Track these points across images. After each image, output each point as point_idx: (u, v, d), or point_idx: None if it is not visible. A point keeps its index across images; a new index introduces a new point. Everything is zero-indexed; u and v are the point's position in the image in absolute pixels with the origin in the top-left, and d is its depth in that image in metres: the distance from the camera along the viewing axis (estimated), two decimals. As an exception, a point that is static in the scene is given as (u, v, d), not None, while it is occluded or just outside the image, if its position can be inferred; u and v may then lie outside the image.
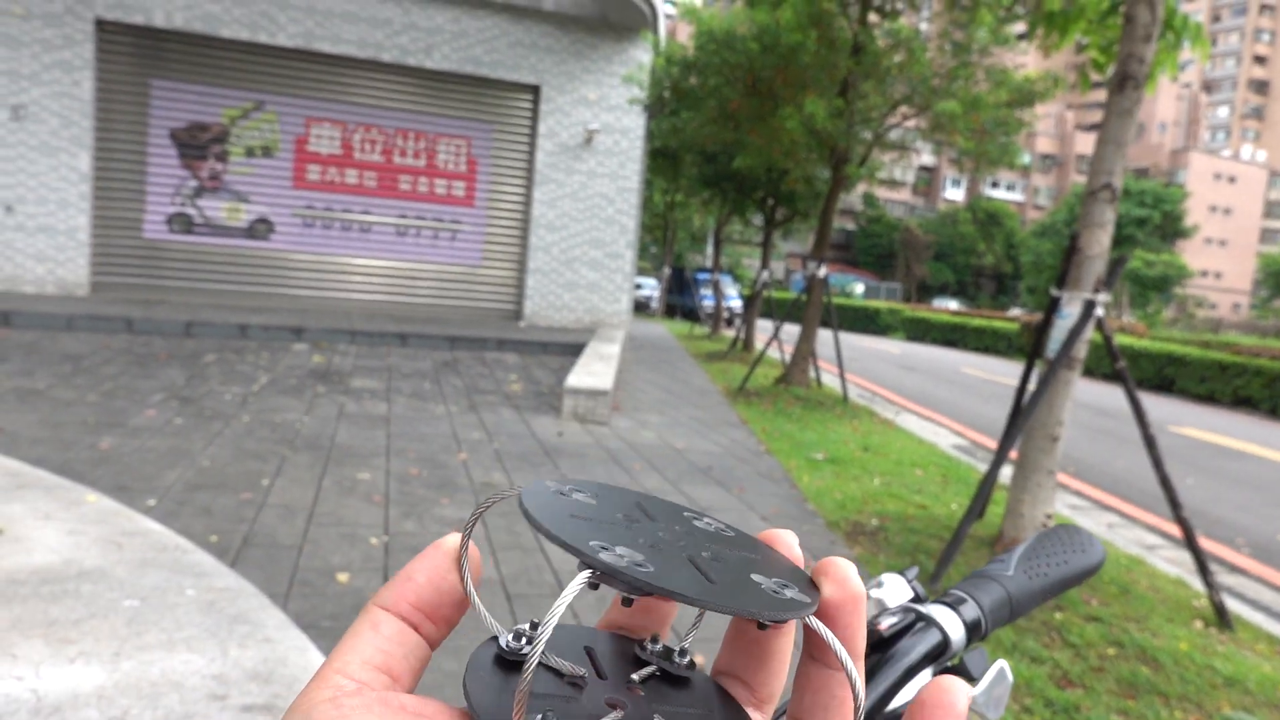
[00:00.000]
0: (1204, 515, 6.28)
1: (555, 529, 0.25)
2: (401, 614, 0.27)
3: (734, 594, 0.24)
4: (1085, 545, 0.75)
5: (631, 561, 0.24)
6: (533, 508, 0.26)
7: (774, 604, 0.25)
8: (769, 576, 0.27)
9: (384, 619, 0.26)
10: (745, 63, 8.96)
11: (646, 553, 0.25)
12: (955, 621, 0.66)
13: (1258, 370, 14.34)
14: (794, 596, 0.26)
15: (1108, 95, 4.33)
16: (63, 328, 8.76)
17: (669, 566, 0.24)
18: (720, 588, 0.24)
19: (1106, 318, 4.27)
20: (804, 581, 0.28)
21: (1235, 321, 48.67)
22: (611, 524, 0.27)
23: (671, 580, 0.23)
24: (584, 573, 0.24)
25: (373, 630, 0.26)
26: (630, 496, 0.30)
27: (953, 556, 4.02)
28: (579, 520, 0.26)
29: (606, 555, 0.24)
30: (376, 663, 0.25)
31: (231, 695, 2.13)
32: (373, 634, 0.26)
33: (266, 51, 11.81)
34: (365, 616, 0.27)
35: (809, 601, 0.26)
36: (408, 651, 0.26)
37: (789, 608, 0.25)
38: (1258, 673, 3.40)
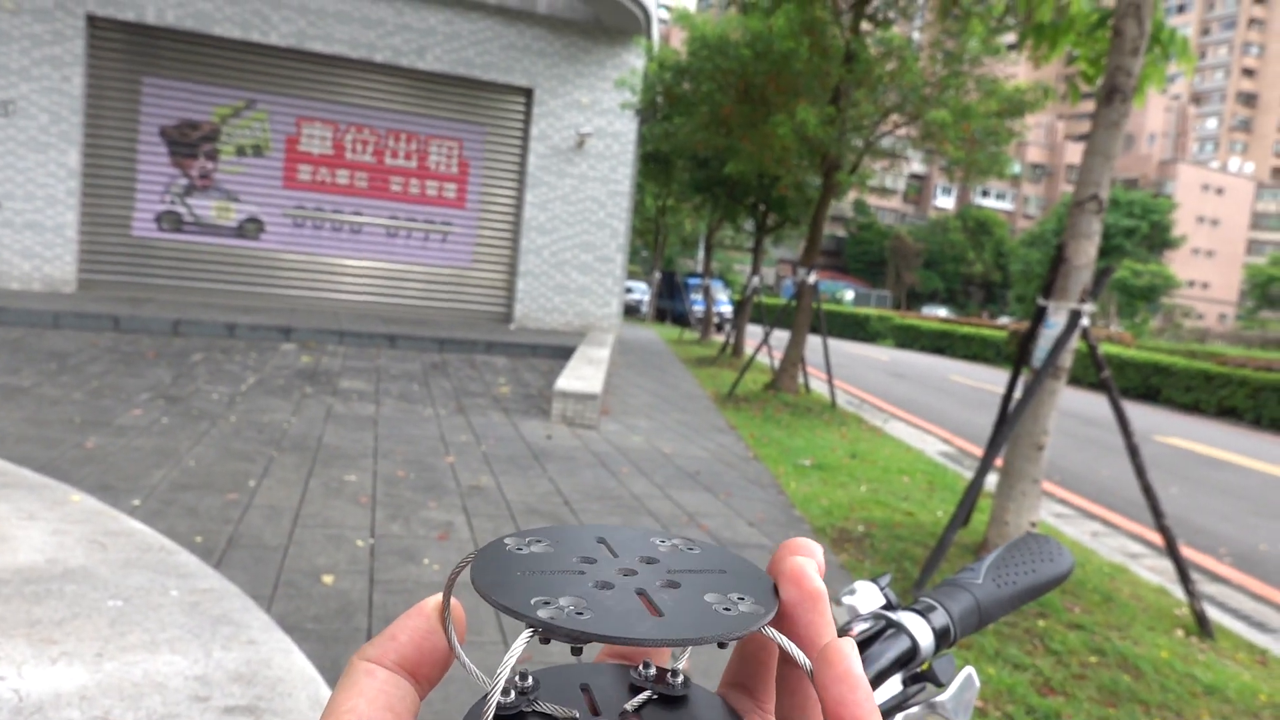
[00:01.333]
0: (1187, 524, 6.32)
1: (496, 594, 0.25)
2: (388, 665, 0.27)
3: (679, 624, 0.25)
4: (1054, 554, 0.77)
5: (572, 612, 0.25)
6: (479, 574, 0.27)
7: (723, 624, 0.25)
8: (725, 593, 0.27)
9: (375, 669, 0.27)
10: (738, 69, 8.99)
11: (591, 597, 0.26)
12: (924, 628, 0.67)
13: (1242, 380, 14.46)
14: (746, 610, 0.26)
15: (1095, 107, 4.37)
16: (49, 325, 8.71)
17: (615, 608, 0.25)
18: (667, 620, 0.25)
19: (1093, 327, 4.31)
20: (763, 592, 0.28)
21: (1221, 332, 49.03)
22: (563, 572, 0.27)
23: (612, 625, 0.24)
24: (525, 632, 0.24)
25: (369, 677, 0.27)
26: (592, 532, 0.31)
27: (937, 564, 4.04)
28: (528, 575, 0.27)
29: (546, 611, 0.24)
30: (380, 703, 0.26)
31: (214, 697, 2.13)
32: (369, 680, 0.27)
33: (259, 50, 11.78)
34: (356, 668, 0.27)
35: (762, 612, 0.26)
36: (403, 694, 0.27)
37: (739, 624, 0.25)
38: (1237, 681, 3.43)
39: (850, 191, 10.59)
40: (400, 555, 3.75)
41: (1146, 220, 45.80)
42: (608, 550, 0.29)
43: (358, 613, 3.13)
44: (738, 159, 9.82)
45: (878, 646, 0.66)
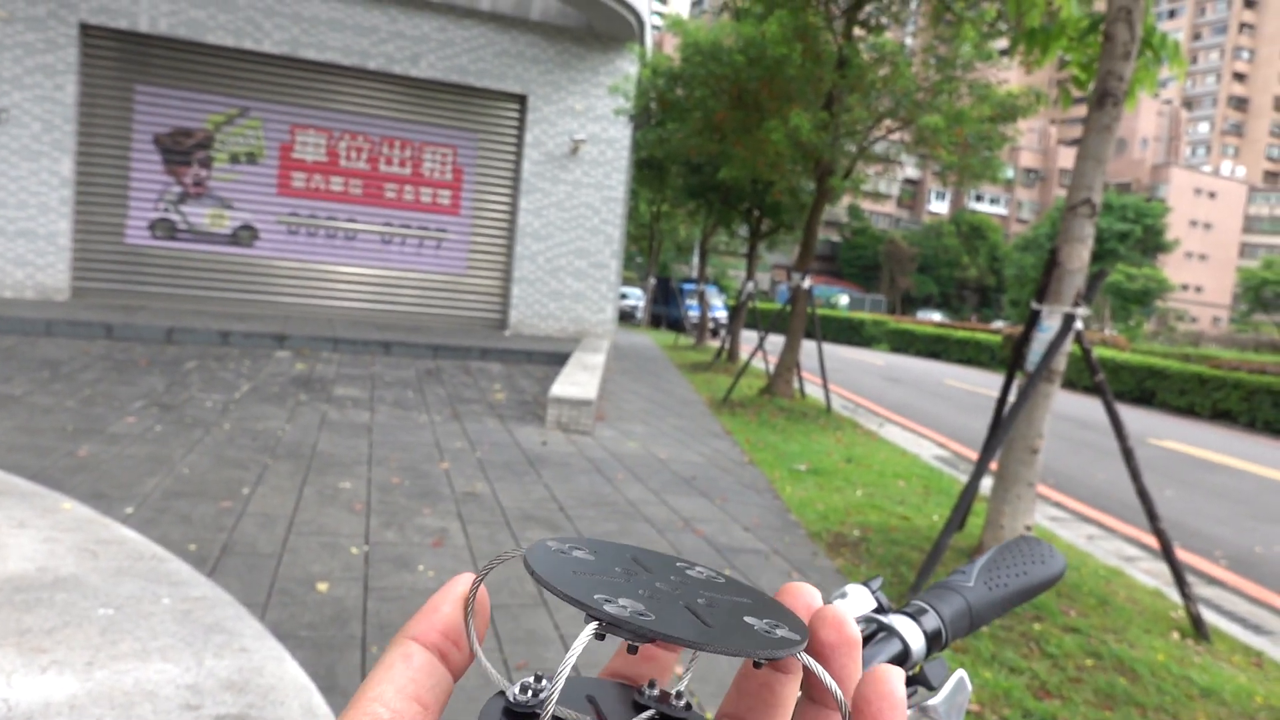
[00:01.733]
0: (1182, 527, 6.33)
1: (561, 585, 0.26)
2: (431, 644, 0.28)
3: (729, 636, 0.26)
4: (1045, 556, 0.77)
5: (634, 611, 0.26)
6: (538, 566, 0.28)
7: (767, 643, 0.26)
8: (760, 618, 0.28)
9: (415, 650, 0.28)
10: (731, 75, 9.01)
11: (646, 602, 0.27)
12: (916, 631, 0.67)
13: (1236, 383, 14.50)
14: (785, 635, 0.27)
15: (1087, 112, 4.38)
16: (41, 333, 8.68)
17: (668, 614, 0.26)
18: (716, 631, 0.26)
19: (1087, 331, 4.31)
20: (795, 622, 0.29)
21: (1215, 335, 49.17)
22: (611, 577, 0.28)
23: (672, 626, 0.25)
24: (591, 625, 0.25)
25: (404, 661, 0.27)
26: (626, 551, 0.32)
27: (933, 568, 4.04)
28: (581, 575, 0.28)
29: (611, 607, 0.26)
30: (409, 692, 0.27)
31: (205, 705, 2.11)
32: (404, 665, 0.27)
33: (251, 58, 11.78)
34: (396, 648, 0.28)
35: (799, 639, 0.28)
36: (435, 682, 0.28)
37: (781, 645, 0.27)
38: (1233, 684, 3.43)
39: (844, 196, 10.60)
40: (395, 563, 3.74)
41: (1140, 224, 45.97)
42: (642, 567, 0.30)
43: (352, 620, 3.11)
44: (731, 164, 9.84)
45: (869, 650, 0.66)
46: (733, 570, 4.13)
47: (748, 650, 0.26)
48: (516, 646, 3.01)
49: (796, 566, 4.32)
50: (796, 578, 4.14)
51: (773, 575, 4.14)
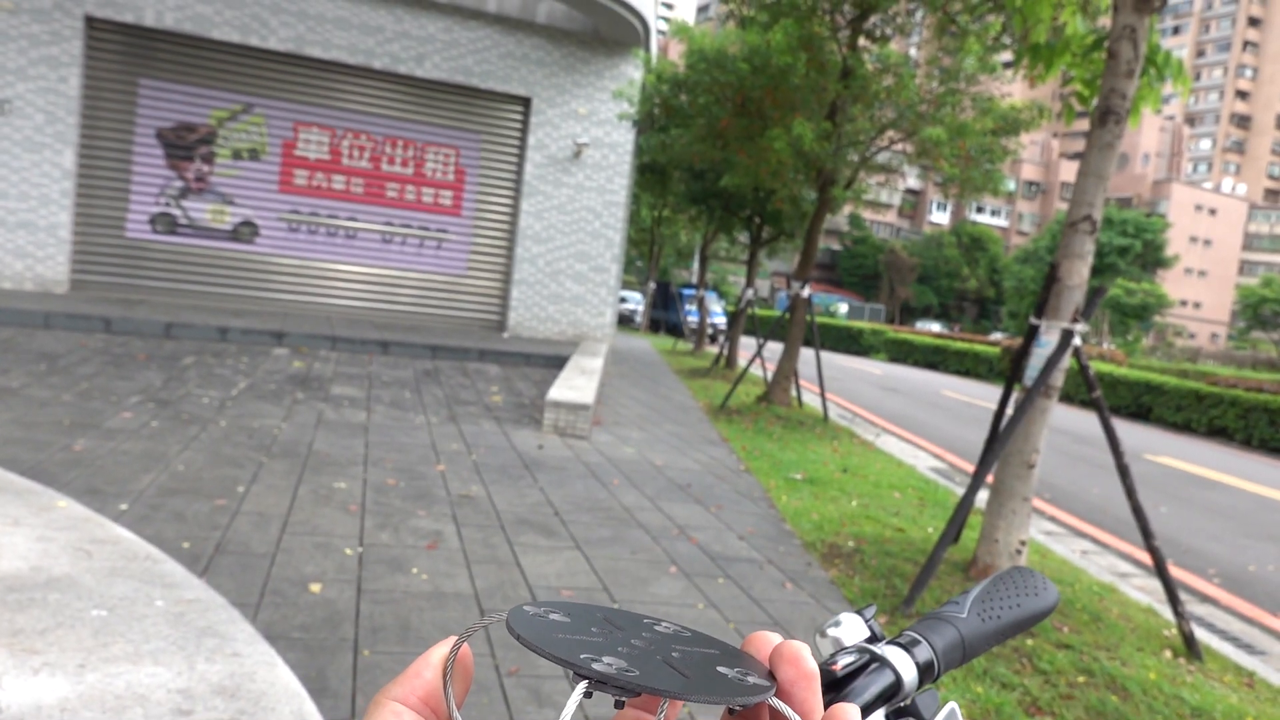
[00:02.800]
0: (1176, 544, 6.34)
1: (548, 646, 0.28)
2: (413, 706, 0.29)
3: (709, 686, 0.28)
4: (1039, 588, 0.77)
5: (619, 668, 0.27)
6: (522, 630, 0.29)
7: (741, 690, 0.29)
8: (731, 668, 0.30)
9: (403, 711, 0.28)
10: (735, 82, 9.03)
11: (628, 659, 0.29)
12: (908, 663, 0.67)
13: (1233, 401, 14.52)
14: (756, 682, 0.30)
15: (1090, 129, 4.39)
16: (39, 325, 8.67)
17: (650, 669, 0.28)
18: (695, 681, 0.28)
19: (1085, 345, 4.32)
20: (762, 670, 0.31)
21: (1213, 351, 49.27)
22: (590, 637, 0.30)
23: (656, 680, 0.27)
24: (581, 684, 0.27)
25: (395, 718, 0.28)
26: (597, 611, 0.33)
27: (927, 581, 4.04)
28: (563, 637, 0.29)
29: (598, 665, 0.27)
30: None
31: (197, 710, 2.11)
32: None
33: (257, 54, 11.79)
34: (383, 708, 0.29)
35: (769, 685, 0.30)
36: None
37: (753, 692, 0.29)
38: (1224, 704, 3.43)
39: (845, 206, 10.61)
40: (389, 564, 3.73)
41: (1140, 239, 46.05)
42: (615, 627, 0.32)
43: (345, 622, 3.11)
44: (734, 172, 9.85)
45: (861, 681, 0.66)
46: (725, 579, 4.13)
47: (727, 699, 0.28)
48: (508, 652, 3.01)
49: (790, 577, 4.32)
50: (790, 589, 4.14)
51: (766, 585, 4.14)
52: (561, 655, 0.27)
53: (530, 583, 3.76)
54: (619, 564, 4.16)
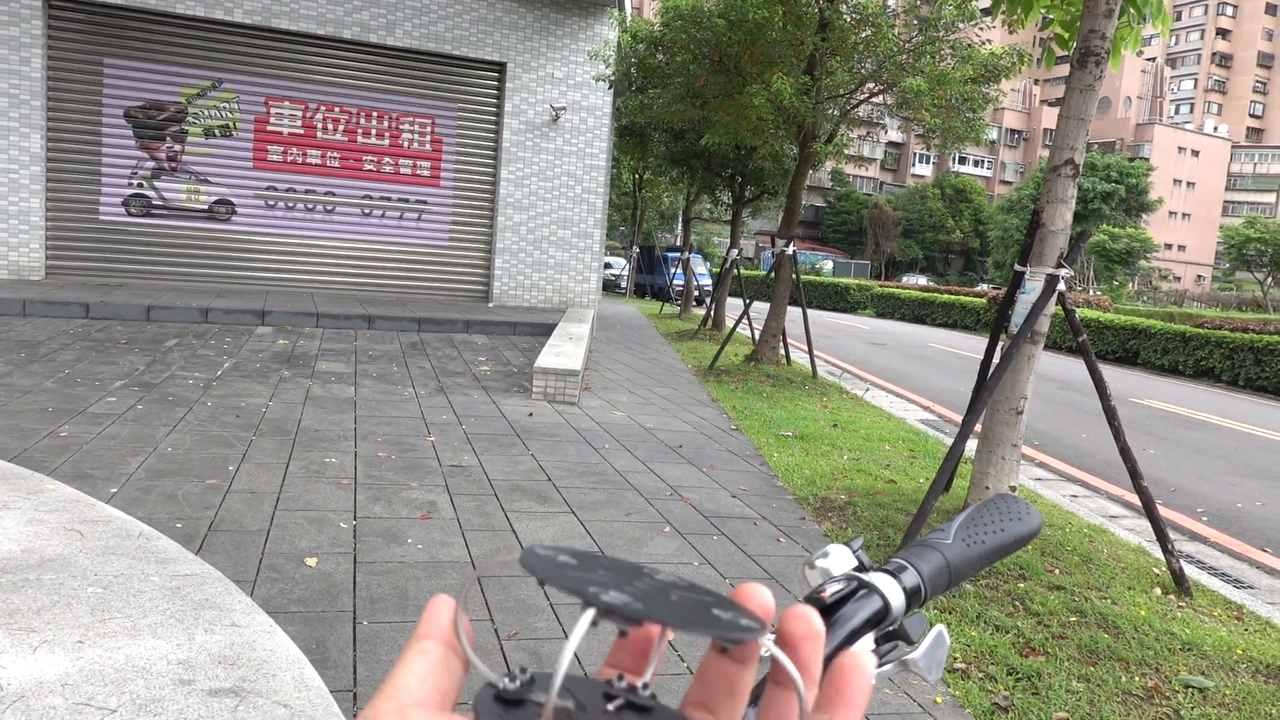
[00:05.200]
0: (1164, 484, 6.42)
1: (559, 579, 0.30)
2: (443, 640, 0.32)
3: (707, 621, 0.31)
4: (1022, 513, 0.79)
5: (624, 602, 0.30)
6: (535, 566, 0.32)
7: (737, 628, 0.31)
8: (725, 612, 0.33)
9: (431, 646, 0.31)
10: (712, 39, 8.91)
11: (631, 596, 0.31)
12: (895, 588, 0.68)
13: (1219, 342, 14.64)
14: (748, 623, 0.32)
15: (1070, 71, 4.36)
16: (17, 313, 8.57)
17: (652, 605, 0.30)
18: (694, 616, 0.31)
19: (1070, 292, 4.33)
20: (754, 616, 0.33)
21: (1198, 294, 49.58)
22: (597, 576, 0.32)
23: (659, 612, 0.29)
24: (590, 611, 0.29)
25: (423, 657, 0.31)
26: (603, 559, 0.35)
27: (918, 530, 4.07)
28: (573, 574, 0.32)
29: (605, 597, 0.29)
30: (430, 684, 0.30)
31: (198, 680, 2.11)
32: (423, 659, 0.31)
33: (223, 28, 11.55)
34: (415, 646, 0.31)
35: (761, 626, 0.32)
36: (451, 673, 0.31)
37: (748, 631, 0.31)
38: (1214, 637, 3.49)
39: (827, 161, 10.55)
40: (384, 536, 3.74)
41: (1123, 184, 46.05)
42: (615, 573, 0.34)
43: (342, 594, 3.12)
44: (714, 130, 9.76)
45: (850, 607, 0.67)
46: (720, 536, 4.16)
47: (724, 632, 0.30)
48: (507, 616, 3.03)
49: (784, 532, 4.35)
50: (784, 543, 4.18)
51: (760, 540, 4.17)
52: (573, 585, 0.30)
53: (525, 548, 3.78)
54: (613, 526, 4.18)
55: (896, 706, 2.75)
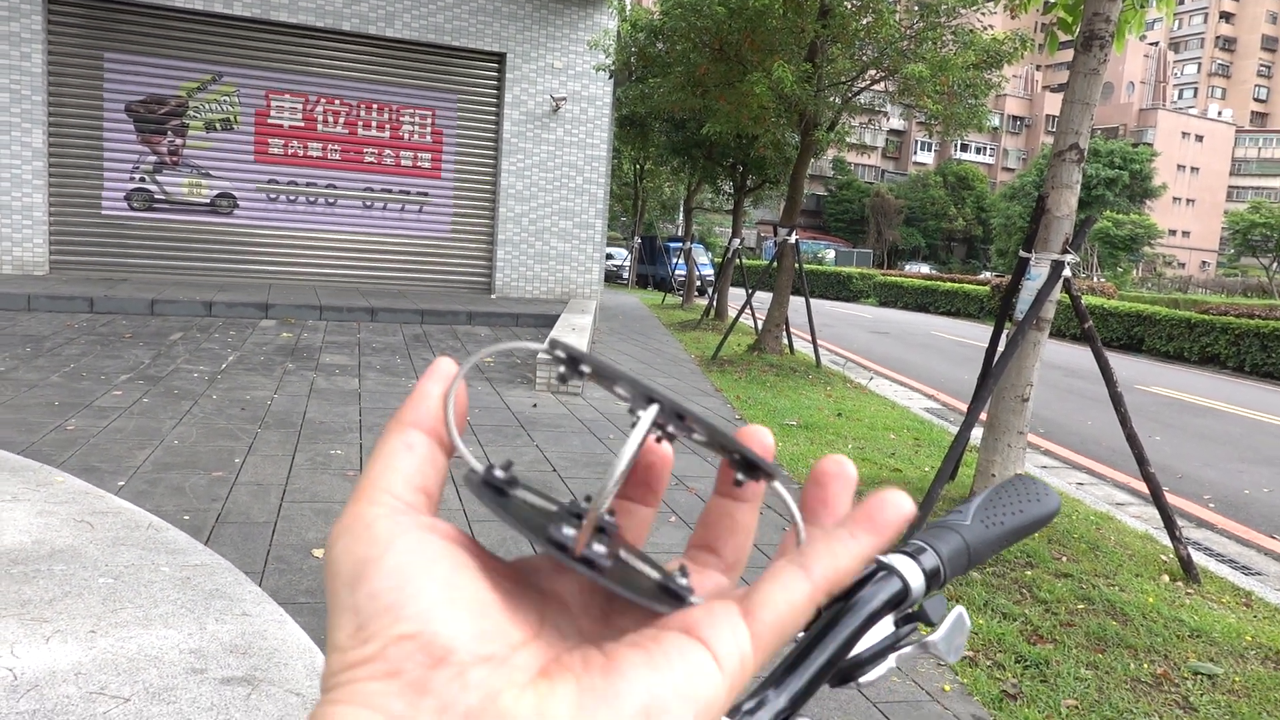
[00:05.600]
0: (1171, 471, 6.41)
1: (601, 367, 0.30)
2: (429, 429, 0.29)
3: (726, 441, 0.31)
4: (1040, 494, 0.79)
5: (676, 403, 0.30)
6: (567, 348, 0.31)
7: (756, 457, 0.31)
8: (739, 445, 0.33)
9: (417, 439, 0.29)
10: (712, 28, 8.87)
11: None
12: (915, 570, 0.68)
13: (1224, 328, 14.60)
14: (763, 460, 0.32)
15: (1074, 55, 4.34)
16: (22, 308, 8.58)
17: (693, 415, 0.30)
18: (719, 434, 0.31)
19: (1075, 278, 4.31)
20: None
21: (1203, 280, 49.45)
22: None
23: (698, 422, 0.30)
24: (653, 408, 0.29)
25: (408, 451, 0.28)
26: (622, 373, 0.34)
27: (924, 518, 4.07)
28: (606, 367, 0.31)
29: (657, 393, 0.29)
30: (416, 483, 0.28)
31: (210, 669, 2.12)
32: (408, 454, 0.28)
33: (223, 21, 11.52)
34: (397, 435, 0.29)
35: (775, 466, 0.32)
36: (437, 468, 0.29)
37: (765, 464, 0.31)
38: (1223, 624, 3.49)
39: (829, 149, 10.52)
40: (391, 527, 3.74)
41: (1127, 170, 45.87)
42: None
43: (350, 585, 3.12)
44: (715, 119, 9.73)
45: (870, 589, 0.67)
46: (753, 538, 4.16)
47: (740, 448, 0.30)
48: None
49: (790, 521, 4.35)
50: (791, 530, 4.18)
51: (765, 529, 4.17)
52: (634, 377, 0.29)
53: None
54: (620, 515, 4.18)
55: (905, 694, 2.75)
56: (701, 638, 0.26)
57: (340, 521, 0.27)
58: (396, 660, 0.23)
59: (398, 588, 0.24)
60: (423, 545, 0.26)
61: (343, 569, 0.25)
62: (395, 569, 0.25)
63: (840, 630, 0.64)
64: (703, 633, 0.27)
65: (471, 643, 0.24)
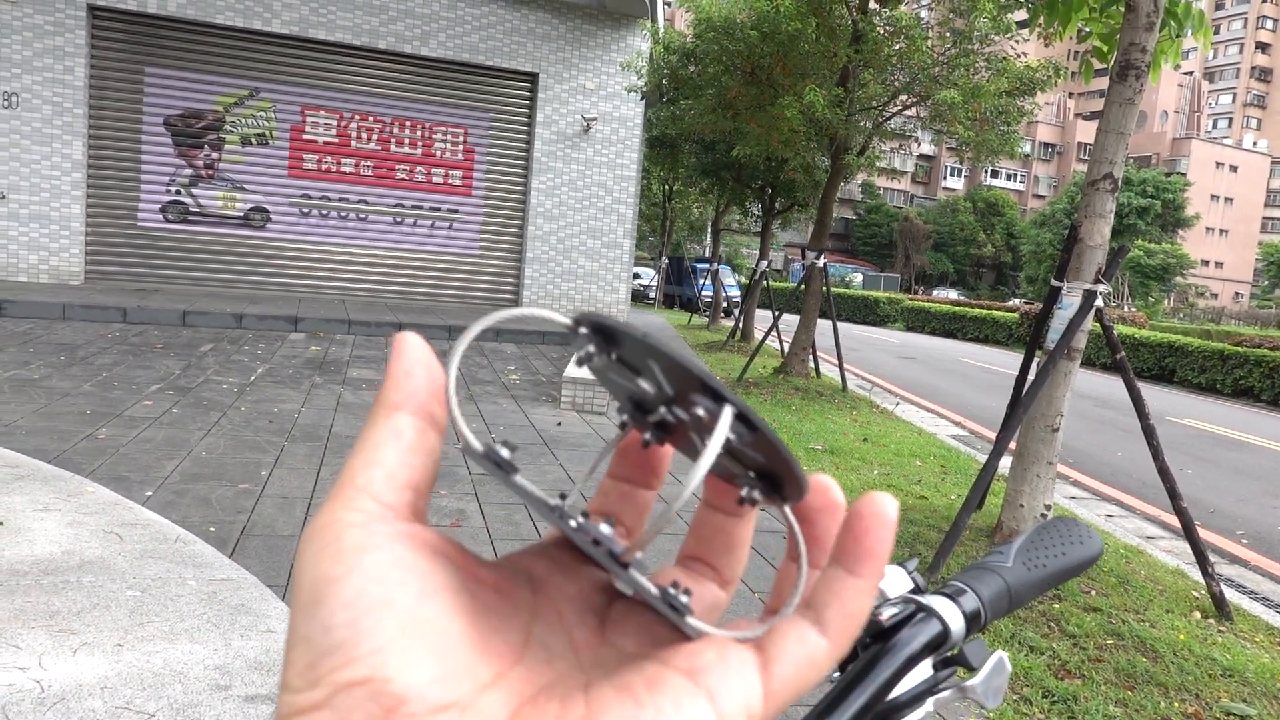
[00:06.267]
0: (1203, 505, 6.29)
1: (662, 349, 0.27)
2: (418, 409, 0.26)
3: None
4: (1083, 537, 0.77)
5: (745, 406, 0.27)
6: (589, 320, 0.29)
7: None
8: None
9: (405, 425, 0.25)
10: (744, 51, 8.92)
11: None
12: (955, 612, 0.66)
13: (1258, 360, 14.35)
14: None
15: (1109, 84, 4.31)
16: (57, 317, 8.73)
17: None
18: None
19: (1106, 308, 4.26)
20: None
21: (1236, 311, 48.71)
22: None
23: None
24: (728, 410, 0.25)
25: (395, 440, 0.25)
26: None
27: (951, 548, 4.02)
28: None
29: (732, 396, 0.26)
30: (401, 479, 0.25)
31: (234, 686, 2.13)
32: (395, 444, 0.25)
33: (261, 38, 11.75)
34: (384, 423, 0.25)
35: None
36: (427, 454, 0.25)
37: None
38: (1257, 663, 3.41)
39: (859, 174, 10.50)
40: (414, 543, 3.75)
41: (1159, 199, 45.43)
42: None
43: (373, 601, 3.13)
44: (745, 142, 9.75)
45: (908, 631, 0.66)
46: (749, 550, 4.13)
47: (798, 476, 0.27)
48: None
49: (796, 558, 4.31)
50: (815, 557, 4.14)
51: (791, 555, 4.14)
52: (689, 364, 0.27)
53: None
54: (643, 537, 4.16)
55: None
56: (707, 687, 0.24)
57: (312, 524, 0.23)
58: (344, 709, 0.21)
59: (353, 621, 0.21)
60: (392, 564, 0.23)
61: (303, 585, 0.22)
62: (354, 597, 0.22)
63: (878, 673, 0.63)
64: (710, 680, 0.24)
65: (430, 689, 0.22)
